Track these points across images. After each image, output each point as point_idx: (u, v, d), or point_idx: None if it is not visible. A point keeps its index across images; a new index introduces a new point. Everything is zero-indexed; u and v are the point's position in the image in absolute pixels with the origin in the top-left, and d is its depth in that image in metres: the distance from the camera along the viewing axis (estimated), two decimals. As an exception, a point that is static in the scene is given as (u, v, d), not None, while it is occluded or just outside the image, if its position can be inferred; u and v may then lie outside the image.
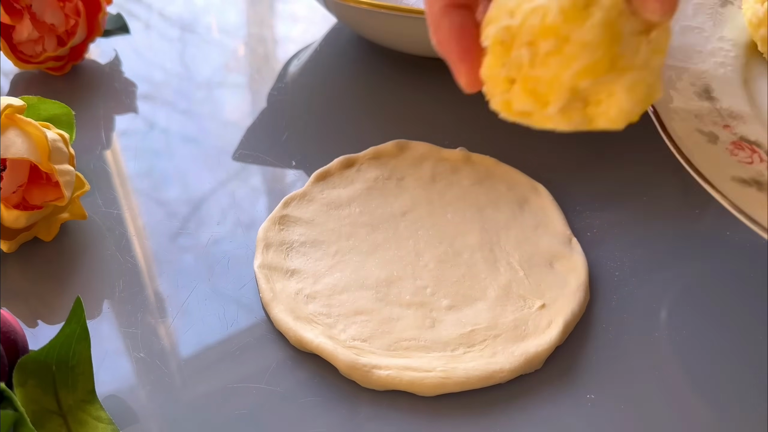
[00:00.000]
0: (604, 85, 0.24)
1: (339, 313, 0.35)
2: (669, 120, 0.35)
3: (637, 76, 0.24)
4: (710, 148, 0.34)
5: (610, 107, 0.24)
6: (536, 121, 0.25)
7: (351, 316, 0.34)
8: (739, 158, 0.34)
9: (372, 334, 0.34)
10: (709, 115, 0.37)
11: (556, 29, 0.23)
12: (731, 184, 0.32)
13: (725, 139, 0.35)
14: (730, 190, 0.32)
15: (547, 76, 0.24)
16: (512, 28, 0.24)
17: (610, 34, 0.23)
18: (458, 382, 0.32)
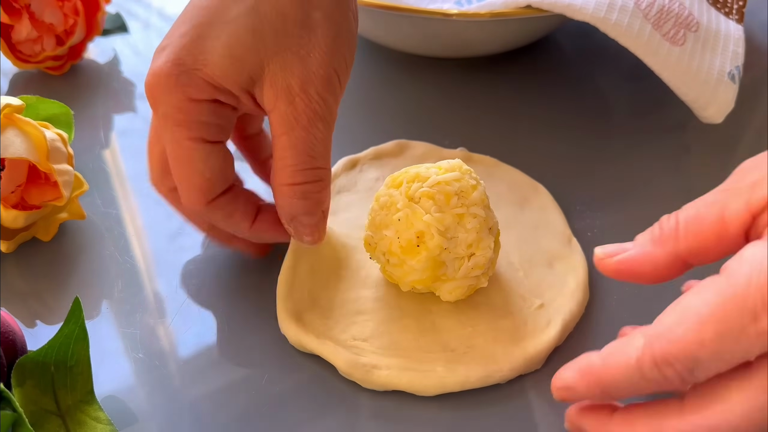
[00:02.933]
0: (434, 286, 0.34)
1: (339, 314, 0.35)
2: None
3: (456, 284, 0.33)
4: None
5: (441, 295, 0.34)
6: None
7: (351, 316, 0.34)
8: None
9: (372, 334, 0.34)
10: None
11: (397, 255, 0.33)
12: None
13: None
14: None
15: (396, 275, 0.34)
16: (374, 239, 0.34)
17: (433, 263, 0.32)
18: (458, 382, 0.32)
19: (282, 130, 0.31)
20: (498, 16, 0.45)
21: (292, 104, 0.30)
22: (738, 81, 0.44)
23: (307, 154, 0.31)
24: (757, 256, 0.22)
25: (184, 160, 0.31)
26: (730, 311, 0.22)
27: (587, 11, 0.43)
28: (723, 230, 0.25)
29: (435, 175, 0.33)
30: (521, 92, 0.52)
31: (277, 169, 0.31)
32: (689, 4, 0.46)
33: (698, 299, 0.23)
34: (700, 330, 0.22)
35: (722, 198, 0.25)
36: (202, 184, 0.31)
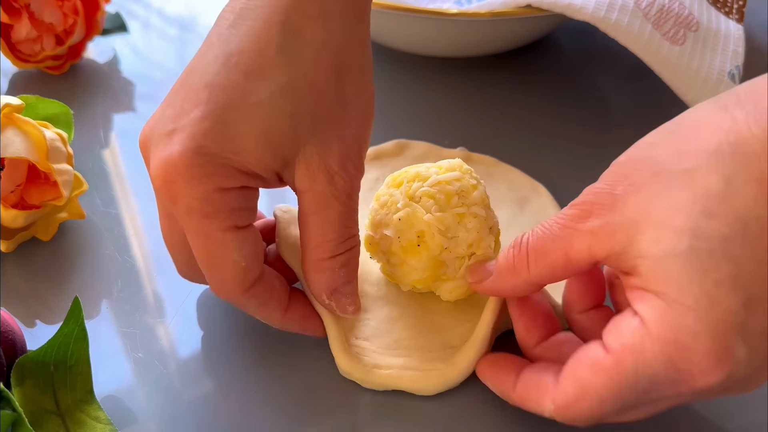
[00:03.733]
0: (434, 286, 0.34)
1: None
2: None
3: (456, 283, 0.33)
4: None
5: (442, 294, 0.34)
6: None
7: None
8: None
9: (373, 334, 0.34)
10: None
11: (398, 255, 0.33)
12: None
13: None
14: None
15: (396, 275, 0.34)
16: (374, 239, 0.34)
17: (434, 263, 0.33)
18: (460, 372, 0.32)
19: (317, 209, 0.29)
20: (498, 15, 0.45)
21: (332, 183, 0.29)
22: (738, 81, 0.44)
23: (345, 226, 0.30)
24: (637, 346, 0.24)
25: (217, 253, 0.28)
26: (625, 391, 0.25)
27: (587, 11, 0.43)
28: (569, 264, 0.27)
29: (435, 174, 0.33)
30: (521, 92, 0.52)
31: (313, 247, 0.30)
32: (689, 4, 0.46)
33: (594, 381, 0.25)
34: (601, 405, 0.25)
35: (566, 236, 0.27)
36: (237, 274, 0.29)
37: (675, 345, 0.23)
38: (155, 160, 0.27)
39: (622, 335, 0.25)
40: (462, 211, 0.32)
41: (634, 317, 0.25)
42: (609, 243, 0.25)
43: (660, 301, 0.24)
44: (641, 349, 0.24)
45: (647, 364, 0.24)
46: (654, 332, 0.24)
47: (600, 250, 0.26)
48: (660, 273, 0.24)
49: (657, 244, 0.24)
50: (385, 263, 0.34)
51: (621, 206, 0.25)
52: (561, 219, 0.27)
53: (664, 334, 0.23)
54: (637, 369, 0.24)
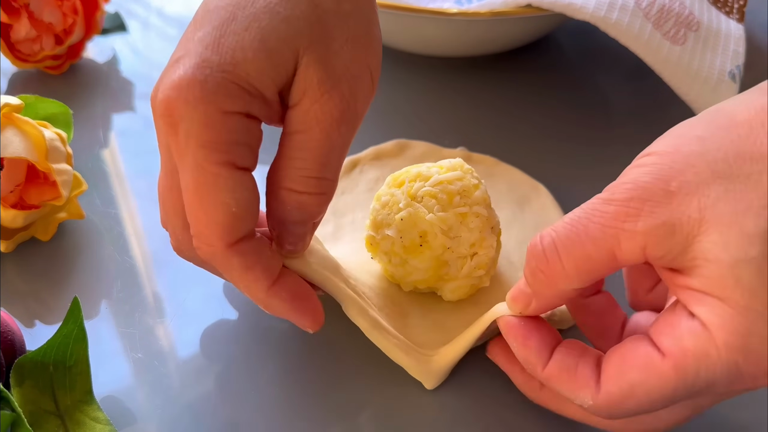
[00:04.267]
0: (436, 286, 0.34)
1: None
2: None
3: (458, 283, 0.33)
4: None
5: (444, 294, 0.34)
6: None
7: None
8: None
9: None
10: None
11: (400, 255, 0.33)
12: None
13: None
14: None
15: (398, 275, 0.34)
16: (375, 239, 0.34)
17: (436, 262, 0.32)
18: (467, 340, 0.31)
19: (298, 128, 0.27)
20: (498, 15, 0.45)
21: (318, 102, 0.27)
22: (739, 80, 0.44)
23: (318, 160, 0.27)
24: (700, 350, 0.23)
25: (207, 189, 0.26)
26: (679, 394, 0.24)
27: (587, 10, 0.43)
28: (615, 266, 0.25)
29: (437, 174, 0.33)
30: (521, 92, 0.52)
31: (280, 169, 0.28)
32: (689, 4, 0.46)
33: (645, 381, 0.24)
34: (649, 404, 0.25)
35: (612, 237, 0.24)
36: (225, 220, 0.26)
37: (744, 352, 0.22)
38: (161, 91, 0.26)
39: (682, 338, 0.23)
40: (464, 210, 0.32)
41: (693, 320, 0.23)
42: (667, 244, 0.23)
43: (726, 307, 0.22)
44: (705, 354, 0.23)
45: (710, 371, 0.23)
46: (720, 338, 0.23)
47: (656, 251, 0.24)
48: (729, 278, 0.22)
49: (726, 248, 0.22)
50: (386, 263, 0.34)
51: (679, 205, 0.23)
52: (600, 217, 0.25)
53: (732, 341, 0.22)
54: (698, 375, 0.23)
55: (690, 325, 0.23)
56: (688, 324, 0.23)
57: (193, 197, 0.26)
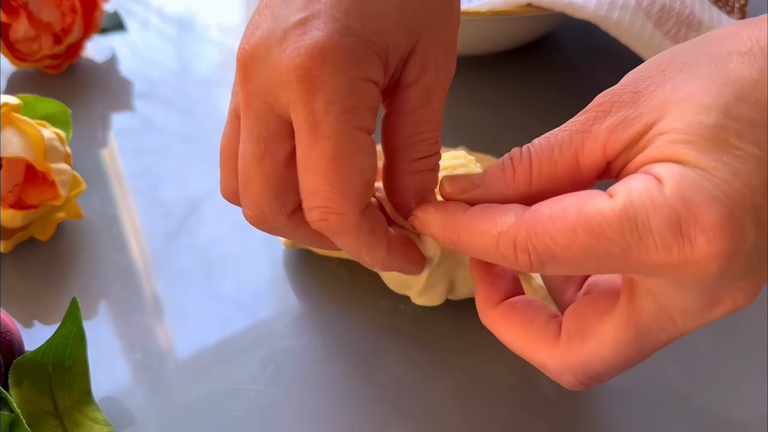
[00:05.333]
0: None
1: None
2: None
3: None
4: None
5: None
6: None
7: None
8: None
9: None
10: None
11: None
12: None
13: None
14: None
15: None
16: None
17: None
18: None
19: (420, 104, 0.27)
20: (499, 14, 0.45)
21: (437, 77, 0.27)
22: None
23: (437, 128, 0.28)
24: (648, 193, 0.22)
25: (348, 156, 0.25)
26: (607, 233, 0.22)
27: (588, 9, 0.43)
28: (576, 173, 0.25)
29: (441, 161, 0.33)
30: (522, 91, 0.52)
31: (404, 148, 0.28)
32: (690, 3, 0.46)
33: (582, 208, 0.23)
34: (571, 235, 0.23)
35: (578, 140, 0.25)
36: (361, 187, 0.25)
37: (688, 204, 0.21)
38: (290, 53, 0.24)
39: (631, 183, 0.22)
40: None
41: (649, 175, 0.23)
42: (626, 134, 0.24)
43: (680, 166, 0.22)
44: (649, 197, 0.22)
45: (648, 213, 0.22)
46: (669, 186, 0.22)
47: (615, 145, 0.24)
48: (682, 142, 0.22)
49: (681, 117, 0.22)
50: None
51: (644, 100, 0.24)
52: (570, 124, 0.25)
53: (680, 191, 0.22)
54: (635, 214, 0.22)
55: (643, 177, 0.23)
56: (641, 177, 0.23)
57: (330, 164, 0.25)
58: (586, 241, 0.22)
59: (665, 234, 0.22)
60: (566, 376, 0.25)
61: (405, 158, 0.28)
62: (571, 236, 0.23)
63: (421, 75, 0.27)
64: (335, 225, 0.26)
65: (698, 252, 0.21)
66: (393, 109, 0.28)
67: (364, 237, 0.27)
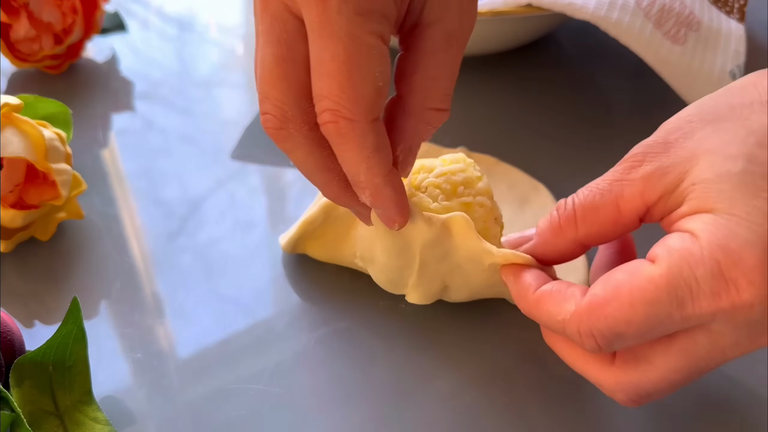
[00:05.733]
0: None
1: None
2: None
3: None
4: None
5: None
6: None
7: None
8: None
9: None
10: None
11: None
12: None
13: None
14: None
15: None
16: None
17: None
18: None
19: (439, 47, 0.27)
20: (498, 14, 0.45)
21: (459, 20, 0.27)
22: None
23: (453, 78, 0.28)
24: (686, 250, 0.24)
25: (360, 60, 0.25)
26: (661, 298, 0.24)
27: (588, 10, 0.43)
28: (618, 217, 0.27)
29: (440, 166, 0.33)
30: (521, 91, 0.52)
31: (424, 89, 0.28)
32: (690, 3, 0.46)
33: (630, 282, 0.24)
34: (630, 310, 0.24)
35: (617, 188, 0.27)
36: (372, 94, 0.25)
37: (725, 251, 0.23)
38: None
39: (670, 243, 0.24)
40: (468, 200, 0.32)
41: (684, 233, 0.24)
42: (662, 183, 0.25)
43: (712, 215, 0.24)
44: (689, 252, 0.24)
45: (693, 268, 0.23)
46: (704, 239, 0.23)
47: (653, 192, 0.26)
48: (713, 192, 0.24)
49: (711, 168, 0.24)
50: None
51: (674, 150, 0.26)
52: (610, 175, 0.27)
53: (715, 240, 0.23)
54: (681, 272, 0.23)
55: (680, 235, 0.24)
56: (678, 235, 0.25)
57: (341, 68, 0.25)
58: (646, 312, 0.24)
59: (711, 283, 0.23)
60: (619, 395, 0.27)
61: (418, 103, 0.28)
62: (630, 312, 0.24)
63: (443, 15, 0.27)
64: (344, 129, 0.26)
65: (743, 293, 0.23)
66: (411, 48, 0.28)
67: (368, 152, 0.26)
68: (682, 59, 0.43)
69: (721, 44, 0.46)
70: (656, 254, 0.25)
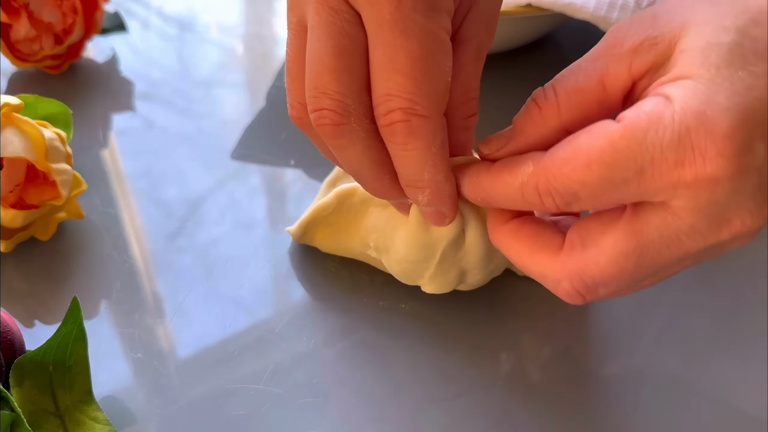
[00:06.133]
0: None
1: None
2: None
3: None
4: None
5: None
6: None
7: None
8: None
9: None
10: None
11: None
12: None
13: None
14: None
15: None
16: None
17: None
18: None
19: (473, 59, 0.28)
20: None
21: (487, 37, 0.28)
22: None
23: (479, 88, 0.29)
24: (655, 112, 0.22)
25: (434, 55, 0.25)
26: (619, 160, 0.22)
27: (588, 10, 0.43)
28: (603, 97, 0.25)
29: None
30: (521, 91, 0.51)
31: (463, 102, 0.28)
32: (690, 3, 0.46)
33: (592, 142, 0.23)
34: (586, 171, 0.23)
35: (602, 65, 0.25)
36: (443, 89, 0.25)
37: (698, 116, 0.21)
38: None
39: (640, 106, 0.23)
40: None
41: (658, 96, 0.23)
42: (651, 54, 0.24)
43: (692, 81, 0.22)
44: (658, 115, 0.22)
45: (659, 131, 0.22)
46: (678, 104, 0.22)
47: (641, 65, 0.24)
48: (698, 58, 0.22)
49: (701, 36, 0.23)
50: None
51: (664, 21, 0.24)
52: (592, 53, 0.25)
53: (691, 105, 0.21)
54: (646, 136, 0.22)
55: (653, 98, 0.23)
56: (651, 98, 0.23)
57: (417, 64, 0.24)
58: (601, 174, 0.23)
59: (677, 150, 0.21)
60: (563, 283, 0.25)
61: (459, 115, 0.28)
62: (586, 173, 0.23)
63: (477, 32, 0.27)
64: (416, 128, 0.25)
65: (709, 164, 0.21)
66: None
67: (436, 148, 0.26)
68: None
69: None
70: (624, 115, 0.23)
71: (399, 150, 0.26)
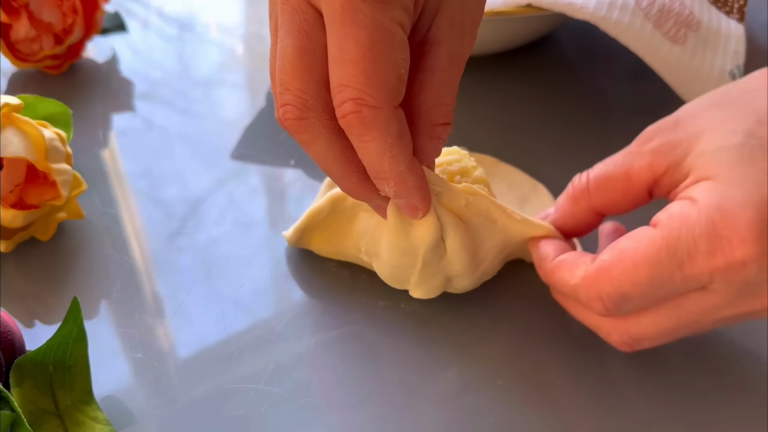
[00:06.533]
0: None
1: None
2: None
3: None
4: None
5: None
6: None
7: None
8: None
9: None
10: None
11: None
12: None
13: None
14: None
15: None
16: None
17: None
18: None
19: (445, 65, 0.28)
20: (498, 15, 0.45)
21: (461, 41, 0.28)
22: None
23: (455, 95, 0.28)
24: (684, 213, 0.26)
25: (384, 47, 0.25)
26: (662, 259, 0.26)
27: (587, 10, 0.43)
28: (628, 187, 0.30)
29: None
30: (521, 91, 0.52)
31: (431, 107, 0.28)
32: (690, 3, 0.46)
33: (634, 246, 0.27)
34: (634, 273, 0.27)
35: (628, 160, 0.30)
36: (395, 81, 0.25)
37: (720, 211, 0.25)
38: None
39: (670, 209, 0.27)
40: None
41: (684, 200, 0.27)
42: (669, 156, 0.28)
43: (711, 182, 0.26)
44: (687, 216, 0.26)
45: (690, 228, 0.26)
46: (702, 203, 0.26)
47: (660, 164, 0.29)
48: (713, 162, 0.26)
49: (713, 141, 0.27)
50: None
51: (683, 128, 0.29)
52: (624, 149, 0.30)
53: (711, 202, 0.25)
54: (680, 234, 0.26)
55: (680, 201, 0.27)
56: (678, 202, 0.27)
57: (366, 53, 0.25)
58: (649, 273, 0.26)
59: (707, 242, 0.25)
60: (614, 335, 0.30)
61: (427, 120, 0.28)
62: (634, 274, 0.27)
63: (448, 34, 0.28)
64: (367, 118, 0.26)
65: (736, 251, 0.25)
66: (418, 67, 0.28)
67: (392, 139, 0.26)
68: (682, 59, 0.43)
69: (720, 44, 0.46)
70: (658, 220, 0.27)
71: (357, 142, 0.27)
